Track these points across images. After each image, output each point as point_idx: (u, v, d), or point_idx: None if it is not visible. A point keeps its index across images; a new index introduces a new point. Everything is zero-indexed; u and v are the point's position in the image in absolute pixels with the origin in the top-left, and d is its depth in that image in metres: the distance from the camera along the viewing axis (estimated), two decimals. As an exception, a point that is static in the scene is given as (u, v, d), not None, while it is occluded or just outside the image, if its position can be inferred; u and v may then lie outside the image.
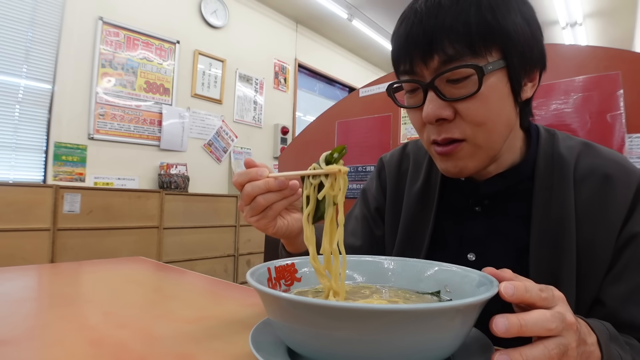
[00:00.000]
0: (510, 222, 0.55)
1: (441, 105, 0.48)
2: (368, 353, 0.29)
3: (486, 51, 0.46)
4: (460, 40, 0.45)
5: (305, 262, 0.47)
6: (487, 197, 0.58)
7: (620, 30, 4.14)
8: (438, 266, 0.45)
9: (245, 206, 0.50)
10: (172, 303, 0.63)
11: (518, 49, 0.47)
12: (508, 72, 0.48)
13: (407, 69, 0.50)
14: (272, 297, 0.31)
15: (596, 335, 0.36)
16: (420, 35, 0.47)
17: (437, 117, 0.48)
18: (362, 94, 1.82)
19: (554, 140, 0.57)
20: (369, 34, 4.41)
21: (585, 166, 0.52)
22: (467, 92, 0.46)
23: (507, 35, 0.46)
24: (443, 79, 0.47)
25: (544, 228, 0.51)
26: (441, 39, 0.45)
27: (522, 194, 0.55)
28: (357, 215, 0.74)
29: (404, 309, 0.28)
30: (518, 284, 0.31)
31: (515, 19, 0.47)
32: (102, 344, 0.42)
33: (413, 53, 0.48)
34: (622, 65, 1.20)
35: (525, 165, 0.56)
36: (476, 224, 0.58)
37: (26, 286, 0.75)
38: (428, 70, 0.48)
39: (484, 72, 0.45)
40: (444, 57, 0.46)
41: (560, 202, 0.51)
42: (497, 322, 0.29)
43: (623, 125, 1.20)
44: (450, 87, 0.47)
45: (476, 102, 0.47)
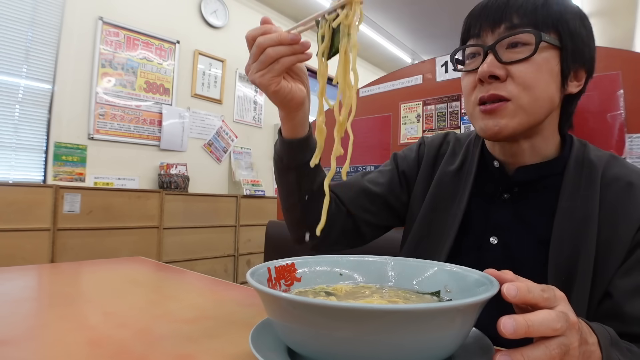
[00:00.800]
0: (536, 213, 0.58)
1: (497, 64, 0.53)
2: (368, 353, 0.29)
3: (546, 30, 0.53)
4: (526, 15, 0.52)
5: (306, 262, 0.47)
6: (517, 185, 0.60)
7: (620, 30, 4.14)
8: (438, 266, 0.45)
9: (252, 63, 0.50)
10: (172, 303, 0.63)
11: (573, 41, 0.54)
12: (561, 53, 0.54)
13: (475, 32, 0.56)
14: (272, 297, 0.31)
15: (597, 337, 0.36)
16: (494, 7, 0.55)
17: (490, 73, 0.53)
18: (362, 94, 1.82)
19: (585, 148, 0.61)
20: (369, 34, 4.41)
21: (612, 173, 0.56)
22: (523, 55, 0.52)
23: (566, 25, 0.53)
24: (503, 45, 0.53)
25: (567, 223, 0.54)
26: (510, 12, 0.53)
27: (550, 188, 0.58)
28: (382, 169, 0.76)
29: (404, 309, 0.28)
30: (520, 284, 0.31)
31: (576, 20, 0.55)
32: (102, 344, 0.42)
33: (485, 21, 0.55)
34: (622, 65, 1.20)
35: (558, 161, 0.59)
36: (503, 210, 0.61)
37: (26, 286, 0.75)
38: (493, 35, 0.54)
39: (542, 38, 0.51)
40: (509, 25, 0.53)
41: (586, 201, 0.54)
42: (505, 324, 0.29)
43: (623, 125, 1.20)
44: (509, 51, 0.53)
45: (529, 66, 0.52)
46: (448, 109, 1.51)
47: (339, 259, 0.49)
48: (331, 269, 0.48)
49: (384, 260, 0.49)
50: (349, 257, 0.50)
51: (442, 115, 1.55)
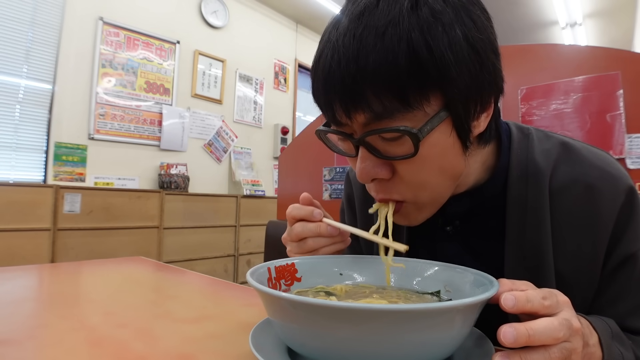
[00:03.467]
0: (485, 241, 0.51)
1: (376, 163, 0.41)
2: (368, 353, 0.29)
3: (423, 101, 0.36)
4: (388, 92, 0.36)
5: (306, 262, 0.47)
6: (456, 217, 0.52)
7: (620, 30, 4.14)
8: (438, 266, 0.45)
9: (291, 242, 0.50)
10: (172, 303, 0.63)
11: (464, 89, 0.38)
12: (453, 120, 0.39)
13: (332, 119, 0.41)
14: (272, 297, 0.31)
15: (598, 335, 0.36)
16: (339, 82, 0.37)
17: (371, 177, 0.42)
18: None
19: (528, 143, 0.49)
20: (369, 34, 4.41)
21: (564, 175, 0.46)
22: (403, 152, 0.39)
23: (448, 76, 0.36)
24: (374, 135, 0.39)
25: (520, 249, 0.47)
26: (364, 90, 0.36)
27: (494, 210, 0.49)
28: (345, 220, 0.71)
29: (404, 309, 0.28)
30: (519, 294, 0.30)
31: (460, 49, 0.36)
32: (102, 344, 0.42)
33: (334, 104, 0.39)
34: (621, 65, 1.20)
35: (494, 181, 0.49)
36: (449, 244, 0.54)
37: (26, 286, 0.75)
38: (354, 123, 0.40)
39: (419, 137, 0.37)
40: (370, 114, 0.37)
41: (536, 219, 0.46)
42: (505, 333, 0.28)
43: (623, 125, 1.20)
44: (385, 143, 0.40)
45: (414, 163, 0.40)
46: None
47: (339, 259, 0.49)
48: (331, 269, 0.48)
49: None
50: (349, 257, 0.50)
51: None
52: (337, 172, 1.88)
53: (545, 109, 1.37)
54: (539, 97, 1.39)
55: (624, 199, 0.44)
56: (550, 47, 1.48)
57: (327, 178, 1.99)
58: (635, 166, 1.19)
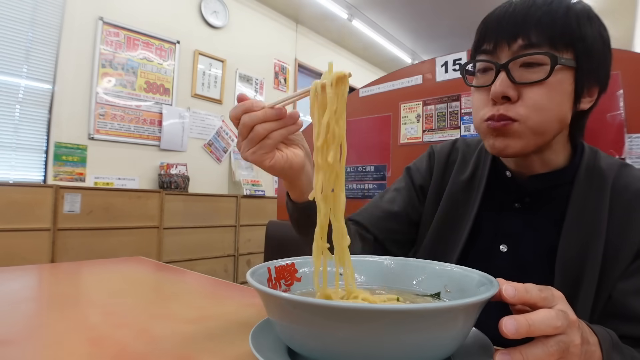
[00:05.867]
0: (546, 221, 0.58)
1: (509, 84, 0.52)
2: (368, 353, 0.29)
3: (563, 49, 0.51)
4: (544, 32, 0.50)
5: (306, 262, 0.47)
6: (528, 195, 0.61)
7: (620, 30, 4.14)
8: (438, 266, 0.45)
9: (242, 141, 0.49)
10: (172, 303, 0.63)
11: (589, 60, 0.52)
12: (576, 74, 0.52)
13: (489, 48, 0.54)
14: (272, 297, 0.31)
15: (597, 338, 0.36)
16: (510, 20, 0.52)
17: (503, 94, 0.52)
18: (362, 94, 1.82)
19: (596, 155, 0.61)
20: (369, 34, 4.41)
21: (622, 182, 0.56)
22: (537, 77, 0.50)
23: (584, 43, 0.51)
24: (517, 63, 0.52)
25: (575, 232, 0.54)
26: (528, 27, 0.51)
27: (561, 198, 0.58)
28: (398, 187, 0.76)
29: (404, 309, 0.28)
30: (518, 285, 0.32)
31: (595, 35, 0.52)
32: (102, 344, 0.42)
33: (500, 34, 0.53)
34: (622, 65, 1.20)
35: (569, 170, 0.59)
36: (513, 218, 0.61)
37: (26, 286, 0.75)
38: (508, 51, 0.52)
39: (557, 62, 0.49)
40: (526, 42, 0.51)
41: (595, 210, 0.54)
42: (506, 324, 0.29)
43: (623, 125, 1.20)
44: (522, 71, 0.52)
45: (541, 88, 0.51)
46: (448, 109, 1.51)
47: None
48: (331, 269, 0.48)
49: (384, 260, 0.49)
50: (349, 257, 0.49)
51: (442, 115, 1.55)
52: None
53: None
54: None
55: None
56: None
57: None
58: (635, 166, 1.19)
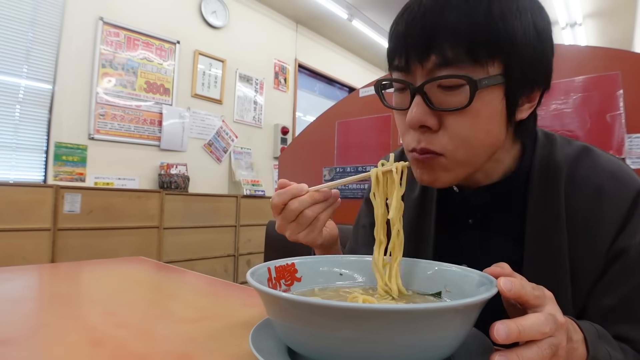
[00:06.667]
0: (504, 234, 0.54)
1: (427, 112, 0.44)
2: (368, 353, 0.29)
3: (487, 61, 0.42)
4: (461, 44, 0.41)
5: (306, 262, 0.47)
6: (478, 210, 0.56)
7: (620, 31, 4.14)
8: (438, 266, 0.45)
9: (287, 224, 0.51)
10: (172, 303, 0.63)
11: (522, 66, 0.43)
12: (506, 89, 0.44)
13: (401, 65, 0.46)
14: (272, 297, 0.31)
15: (583, 334, 0.37)
16: (419, 31, 0.43)
17: (420, 124, 0.45)
18: (362, 94, 1.82)
19: (551, 146, 0.53)
20: (369, 34, 4.41)
21: (580, 175, 0.50)
22: (457, 103, 0.43)
23: (514, 48, 0.42)
24: (434, 84, 0.43)
25: (538, 240, 0.50)
26: (441, 39, 0.41)
27: (515, 206, 0.53)
28: (365, 224, 0.73)
29: (404, 309, 0.28)
30: (515, 280, 0.33)
31: (526, 31, 0.43)
32: (102, 344, 0.42)
33: (409, 49, 0.44)
34: (622, 65, 1.20)
35: (517, 176, 0.53)
36: (469, 235, 0.57)
37: (26, 286, 0.75)
38: (423, 70, 0.44)
39: (477, 86, 0.41)
40: (440, 60, 0.42)
41: (553, 215, 0.49)
42: (497, 330, 0.29)
43: (623, 125, 1.20)
44: (441, 93, 0.44)
45: (464, 116, 0.43)
46: (448, 109, 1.51)
47: (339, 259, 0.49)
48: (331, 269, 0.48)
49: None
50: (349, 257, 0.50)
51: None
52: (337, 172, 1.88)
53: (545, 109, 1.37)
54: (539, 97, 1.38)
55: (631, 203, 0.46)
56: (550, 47, 1.47)
57: (327, 178, 1.99)
58: (635, 166, 1.19)
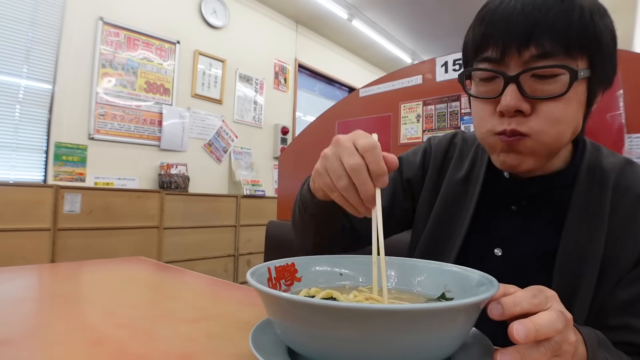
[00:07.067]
0: (542, 225, 0.56)
1: (521, 98, 0.47)
2: (368, 353, 0.29)
3: (578, 56, 0.46)
4: (559, 39, 0.44)
5: (306, 262, 0.47)
6: (525, 198, 0.58)
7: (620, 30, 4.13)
8: (438, 266, 0.45)
9: None
10: (172, 303, 0.63)
11: (603, 63, 0.48)
12: (589, 83, 0.48)
13: (495, 56, 0.48)
14: (272, 297, 0.31)
15: (581, 335, 0.37)
16: (521, 23, 0.45)
17: (516, 109, 0.47)
18: (362, 94, 1.82)
19: (598, 154, 0.57)
20: (369, 34, 4.41)
21: (625, 183, 0.53)
22: (553, 91, 0.46)
23: (599, 47, 0.46)
24: (528, 73, 0.46)
25: (575, 236, 0.52)
26: (541, 33, 0.44)
27: (560, 200, 0.55)
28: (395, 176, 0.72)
29: (404, 309, 0.28)
30: (505, 300, 0.31)
31: (608, 34, 0.47)
32: (102, 344, 0.42)
33: (508, 41, 0.46)
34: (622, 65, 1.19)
35: (568, 172, 0.56)
36: (509, 221, 0.58)
37: (26, 286, 0.75)
38: (519, 60, 0.46)
39: (577, 77, 0.45)
40: (540, 51, 0.45)
41: (596, 213, 0.52)
42: (517, 330, 0.29)
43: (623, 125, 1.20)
44: (534, 82, 0.46)
45: (557, 102, 0.46)
46: (448, 109, 1.51)
47: (339, 259, 0.49)
48: (331, 268, 0.48)
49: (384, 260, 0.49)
50: (349, 257, 0.50)
51: (442, 115, 1.55)
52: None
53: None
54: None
55: None
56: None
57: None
58: (635, 166, 1.19)
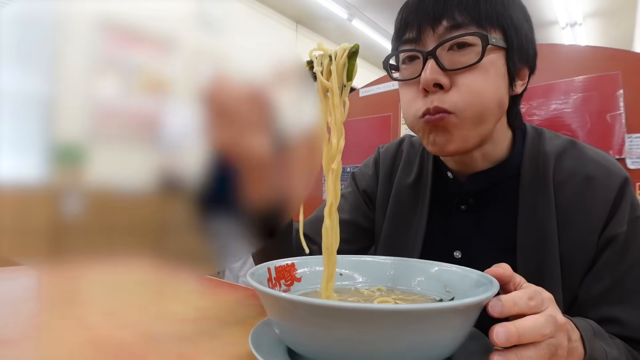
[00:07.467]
0: (496, 221, 0.56)
1: (439, 72, 0.48)
2: (368, 353, 0.29)
3: (490, 29, 0.48)
4: (469, 11, 0.47)
5: (306, 262, 0.47)
6: (471, 196, 0.58)
7: (620, 30, 4.14)
8: (438, 266, 0.45)
9: None
10: (172, 303, 0.63)
11: (517, 38, 0.50)
12: (507, 54, 0.50)
13: (412, 36, 0.51)
14: (272, 297, 0.31)
15: (579, 332, 0.37)
16: (432, 2, 0.49)
17: (434, 82, 0.48)
18: (362, 94, 1.82)
19: (540, 138, 0.57)
20: (369, 34, 4.42)
21: (567, 166, 0.53)
22: (468, 61, 0.47)
23: (512, 22, 0.49)
24: (445, 47, 0.48)
25: (530, 228, 0.52)
26: (451, 7, 0.48)
27: (507, 193, 0.55)
28: (344, 193, 0.73)
29: (404, 309, 0.28)
30: (506, 298, 0.31)
31: (518, 13, 0.51)
32: (102, 344, 0.42)
33: (422, 19, 0.49)
34: (622, 65, 1.20)
35: (510, 163, 0.56)
36: (462, 222, 0.58)
37: (26, 286, 0.75)
38: (434, 36, 0.49)
39: (489, 42, 0.47)
40: (451, 23, 0.48)
41: (544, 203, 0.52)
42: (497, 333, 0.29)
43: (623, 125, 1.20)
44: (451, 55, 0.48)
45: (475, 72, 0.48)
46: (448, 109, 1.51)
47: (339, 259, 0.49)
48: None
49: (384, 260, 0.49)
50: (349, 257, 0.50)
51: (442, 115, 1.55)
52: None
53: (545, 109, 1.38)
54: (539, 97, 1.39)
55: (618, 189, 0.49)
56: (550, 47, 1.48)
57: (327, 178, 1.98)
58: (635, 166, 1.20)
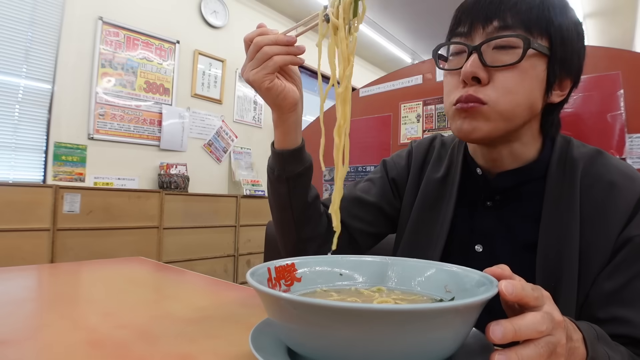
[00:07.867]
0: (519, 218, 0.58)
1: (480, 66, 0.51)
2: (368, 353, 0.29)
3: (538, 35, 0.51)
4: (519, 15, 0.50)
5: (306, 262, 0.47)
6: (498, 193, 0.60)
7: (620, 30, 4.14)
8: (438, 266, 0.45)
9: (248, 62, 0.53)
10: (172, 303, 0.63)
11: (563, 49, 0.52)
12: (548, 62, 0.52)
13: (464, 31, 0.54)
14: (272, 297, 0.31)
15: (582, 333, 0.37)
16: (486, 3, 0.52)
17: (473, 75, 0.51)
18: (362, 94, 1.82)
19: (569, 145, 0.59)
20: (369, 34, 4.41)
21: (594, 172, 0.55)
22: (508, 60, 0.50)
23: (559, 31, 0.52)
24: (490, 45, 0.51)
25: (552, 228, 0.54)
26: (504, 9, 0.51)
27: (532, 193, 0.57)
28: (372, 177, 0.76)
29: (404, 309, 0.28)
30: (516, 283, 0.32)
31: (570, 27, 0.53)
32: (102, 344, 0.42)
33: (475, 16, 0.53)
34: (622, 65, 1.20)
35: (539, 164, 0.58)
36: (486, 217, 0.60)
37: (26, 286, 0.75)
38: (482, 34, 0.52)
39: (530, 45, 0.49)
40: (501, 24, 0.51)
41: (568, 204, 0.54)
42: (493, 330, 0.29)
43: (623, 125, 1.20)
44: (495, 53, 0.51)
45: (513, 72, 0.51)
46: (448, 109, 1.52)
47: (339, 259, 0.49)
48: (331, 269, 0.48)
49: (384, 260, 0.49)
50: (349, 257, 0.50)
51: (442, 115, 1.55)
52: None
53: (545, 109, 1.37)
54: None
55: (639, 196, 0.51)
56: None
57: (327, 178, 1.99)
58: (635, 166, 1.19)
